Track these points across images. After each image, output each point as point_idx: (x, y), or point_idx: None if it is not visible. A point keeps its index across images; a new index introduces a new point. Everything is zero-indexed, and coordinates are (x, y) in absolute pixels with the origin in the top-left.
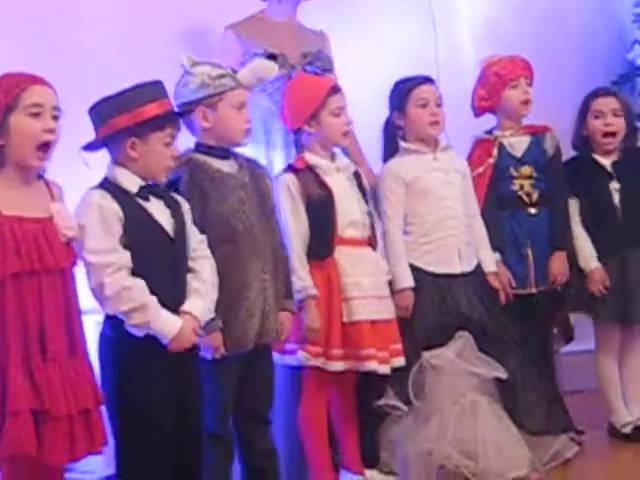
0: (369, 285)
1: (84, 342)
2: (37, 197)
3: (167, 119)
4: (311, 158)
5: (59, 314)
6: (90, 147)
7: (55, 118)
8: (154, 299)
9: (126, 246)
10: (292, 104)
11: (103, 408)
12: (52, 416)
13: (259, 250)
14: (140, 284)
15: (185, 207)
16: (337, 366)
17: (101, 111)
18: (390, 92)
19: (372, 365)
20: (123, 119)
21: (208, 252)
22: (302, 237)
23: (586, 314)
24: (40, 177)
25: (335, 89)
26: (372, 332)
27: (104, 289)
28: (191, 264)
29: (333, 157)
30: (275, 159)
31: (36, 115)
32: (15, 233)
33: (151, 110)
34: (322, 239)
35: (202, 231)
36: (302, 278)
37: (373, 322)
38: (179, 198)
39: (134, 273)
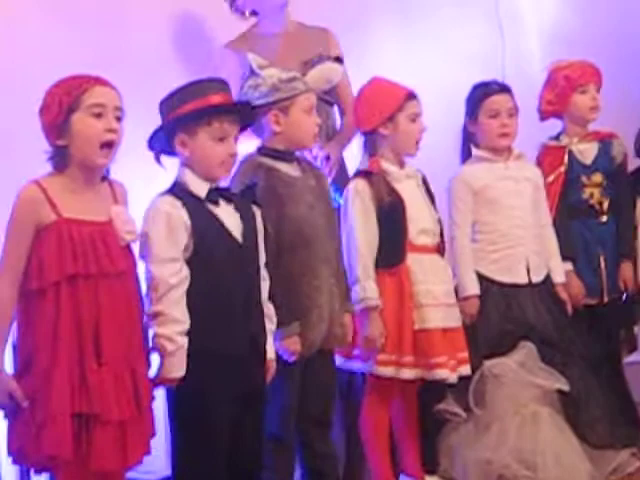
0: (440, 292)
1: (144, 344)
2: (99, 200)
3: (228, 111)
4: (383, 164)
5: (117, 318)
6: (153, 146)
7: (118, 119)
8: (184, 343)
9: (195, 251)
10: (369, 104)
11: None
12: (102, 420)
13: (328, 254)
14: (185, 324)
15: (259, 218)
16: (409, 374)
17: (166, 104)
18: (467, 96)
19: (444, 373)
20: (185, 108)
21: (267, 273)
22: (371, 246)
23: None
24: (104, 178)
25: (412, 95)
26: (443, 340)
27: (156, 302)
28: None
29: (402, 164)
30: None
31: (98, 115)
32: (72, 236)
33: (215, 99)
34: (394, 246)
35: (278, 236)
36: (364, 289)
37: (444, 330)
38: (254, 208)
39: (203, 278)
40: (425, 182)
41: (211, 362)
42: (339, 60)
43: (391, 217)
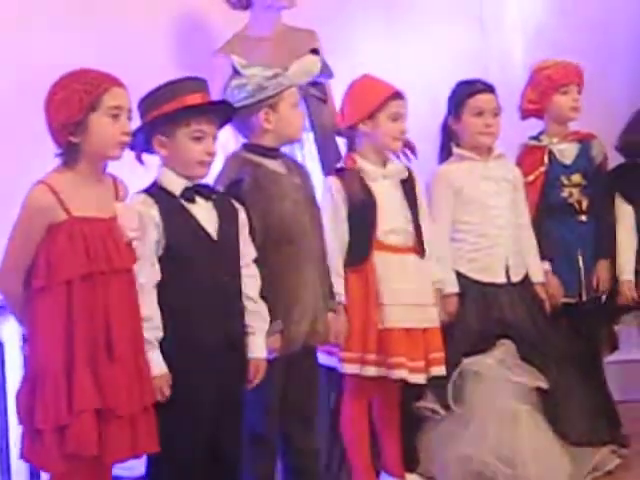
0: (407, 292)
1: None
2: (105, 195)
3: (206, 110)
4: (359, 162)
5: (125, 314)
6: (133, 146)
7: (129, 119)
8: (154, 339)
9: (167, 248)
10: (352, 100)
11: None
12: (115, 415)
13: (312, 252)
14: (154, 320)
15: (242, 214)
16: (372, 372)
17: (144, 104)
18: (450, 94)
19: (402, 373)
20: (163, 109)
21: (257, 271)
22: (340, 244)
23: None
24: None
25: (398, 95)
26: (406, 340)
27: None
28: (243, 288)
29: (384, 163)
30: None
31: (115, 116)
32: (85, 234)
33: (192, 99)
34: (360, 244)
35: (263, 232)
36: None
37: (408, 330)
38: (237, 205)
39: (176, 274)
40: (408, 182)
41: (186, 357)
42: (315, 52)
43: (360, 215)
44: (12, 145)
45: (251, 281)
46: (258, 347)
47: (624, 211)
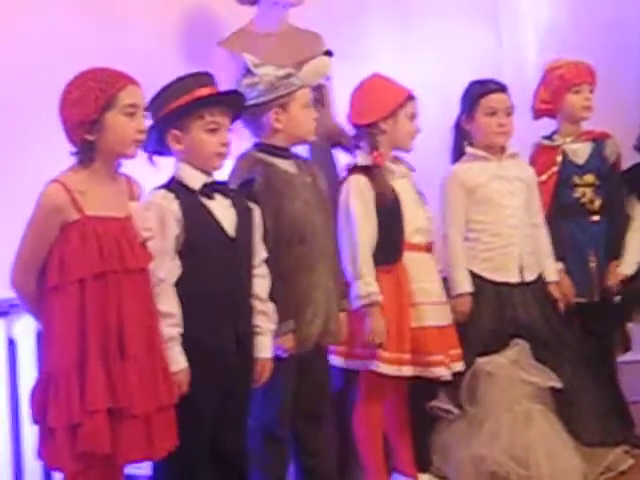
0: (433, 290)
1: (161, 339)
2: (119, 195)
3: (218, 102)
4: (383, 160)
5: (138, 313)
6: (145, 147)
7: (144, 117)
8: (175, 335)
9: (185, 244)
10: (371, 98)
11: None
12: (128, 414)
13: (324, 251)
14: (175, 317)
15: (256, 213)
16: (409, 372)
17: (155, 102)
18: (462, 93)
19: (441, 371)
20: (174, 104)
21: (267, 271)
22: (371, 241)
23: None
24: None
25: (413, 96)
26: (439, 338)
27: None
28: (253, 288)
29: (396, 161)
30: None
31: (131, 114)
32: (98, 233)
33: (203, 92)
34: (392, 244)
35: (275, 232)
36: (368, 283)
37: (439, 328)
38: (251, 204)
39: (192, 270)
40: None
41: (194, 354)
42: (329, 53)
43: (389, 214)
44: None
45: (261, 281)
46: (265, 347)
47: (639, 211)
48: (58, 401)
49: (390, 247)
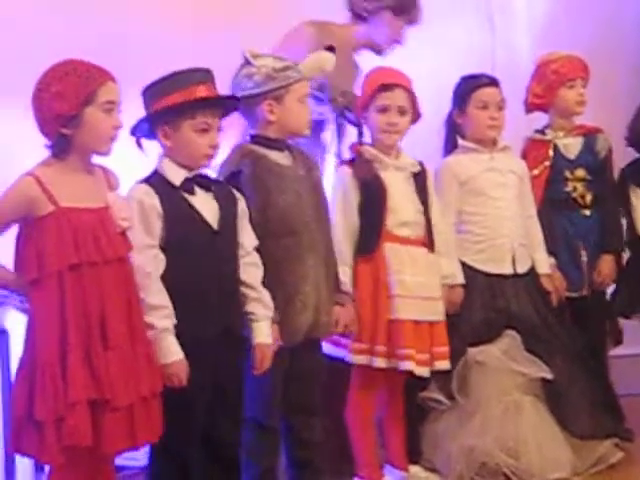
0: (414, 285)
1: (144, 329)
2: (96, 186)
3: (212, 104)
4: (373, 151)
5: (120, 303)
6: (134, 132)
7: (119, 114)
8: (167, 327)
9: (168, 239)
10: (361, 90)
11: None
12: (112, 406)
13: (315, 243)
14: (166, 309)
15: (242, 203)
16: (381, 363)
17: (150, 92)
18: (454, 87)
19: (409, 365)
20: (169, 99)
21: (259, 259)
22: (348, 233)
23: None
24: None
25: (385, 87)
26: (414, 333)
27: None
28: (243, 276)
29: (397, 154)
30: None
31: (108, 111)
32: (72, 225)
33: (199, 91)
34: (370, 234)
35: (263, 224)
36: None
37: (417, 322)
38: (237, 194)
39: (176, 264)
40: (420, 176)
41: (182, 347)
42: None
43: (371, 204)
44: None
45: (252, 269)
46: (262, 333)
47: None
48: (45, 394)
49: (368, 236)
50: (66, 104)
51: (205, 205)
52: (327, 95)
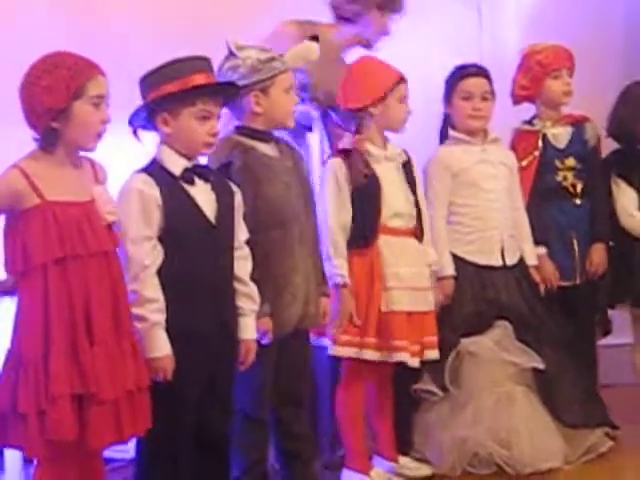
0: (407, 275)
1: (131, 324)
2: (82, 180)
3: (212, 91)
4: (364, 143)
5: (105, 297)
6: (132, 121)
7: (107, 108)
8: (159, 320)
9: (166, 230)
10: (360, 83)
11: None
12: (97, 400)
13: (304, 235)
14: (159, 302)
15: (238, 197)
16: (371, 355)
17: (149, 80)
18: (445, 78)
19: (403, 357)
20: (169, 87)
21: (248, 251)
22: (343, 225)
23: (630, 305)
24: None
25: (403, 79)
26: (407, 324)
27: (130, 282)
28: (235, 270)
29: (385, 145)
30: None
31: (96, 105)
32: (57, 218)
33: (199, 79)
34: (365, 227)
35: (253, 216)
36: (335, 266)
37: (409, 314)
38: (234, 187)
39: (173, 256)
40: (408, 165)
41: (178, 339)
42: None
43: (365, 197)
44: None
45: (243, 263)
46: (249, 328)
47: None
48: (28, 388)
49: (363, 230)
50: (57, 98)
51: (204, 197)
52: (309, 95)
